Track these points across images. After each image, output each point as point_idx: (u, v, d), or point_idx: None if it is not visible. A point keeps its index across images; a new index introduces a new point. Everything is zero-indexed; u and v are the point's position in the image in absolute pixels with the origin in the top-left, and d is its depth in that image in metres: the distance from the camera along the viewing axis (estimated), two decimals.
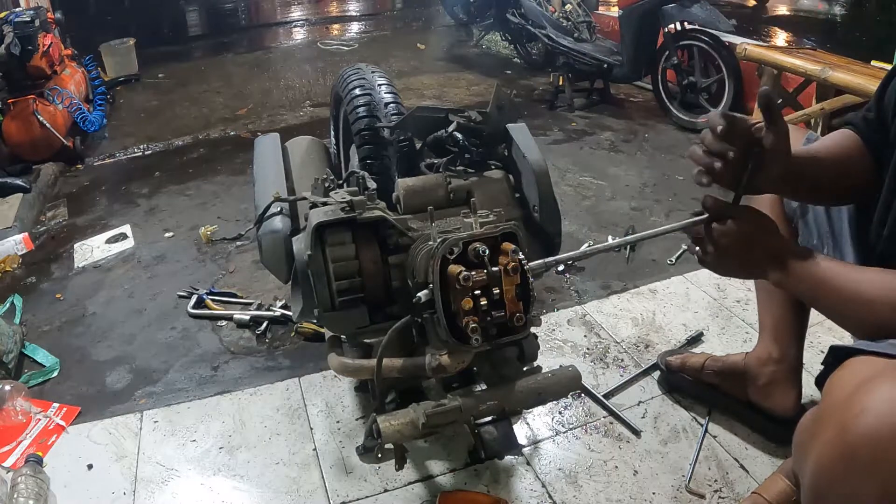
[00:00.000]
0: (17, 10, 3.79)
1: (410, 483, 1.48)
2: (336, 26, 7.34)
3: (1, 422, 1.70)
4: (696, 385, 1.65)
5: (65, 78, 3.90)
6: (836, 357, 0.84)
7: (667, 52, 3.66)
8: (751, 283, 1.89)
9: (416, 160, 1.72)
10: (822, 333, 1.83)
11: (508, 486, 1.47)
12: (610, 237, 2.49)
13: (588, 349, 1.90)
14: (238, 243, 2.62)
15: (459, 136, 1.57)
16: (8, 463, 1.59)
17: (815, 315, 1.31)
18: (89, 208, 3.14)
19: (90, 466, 1.58)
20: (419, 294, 1.16)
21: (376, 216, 1.32)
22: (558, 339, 1.95)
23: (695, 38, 3.53)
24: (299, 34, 7.07)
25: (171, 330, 2.12)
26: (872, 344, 0.82)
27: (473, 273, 1.10)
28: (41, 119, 3.42)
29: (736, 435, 1.57)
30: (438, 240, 1.16)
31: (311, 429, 1.66)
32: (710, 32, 3.48)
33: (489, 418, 1.46)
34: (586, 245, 2.45)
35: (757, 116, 0.96)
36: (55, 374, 1.94)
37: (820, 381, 0.88)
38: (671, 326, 1.98)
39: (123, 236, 2.77)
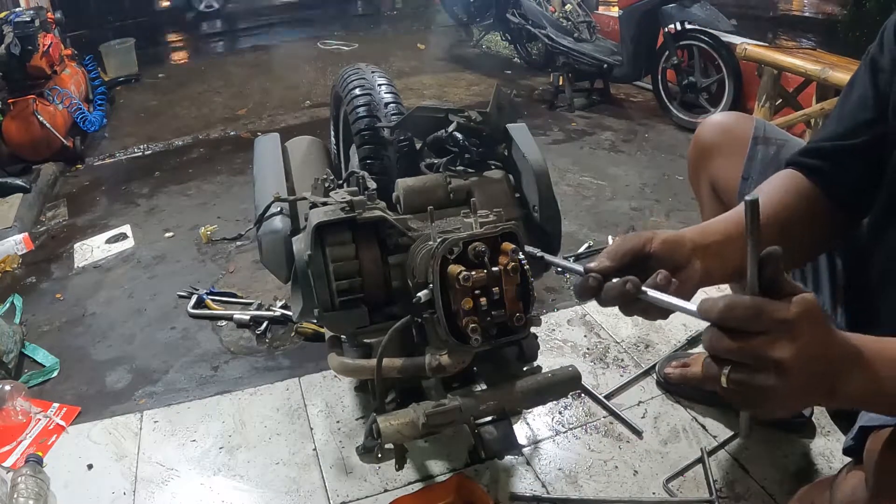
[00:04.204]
0: (17, 10, 3.79)
1: (410, 483, 1.48)
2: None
3: (1, 422, 1.70)
4: (699, 391, 1.66)
5: (65, 78, 3.90)
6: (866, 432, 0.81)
7: (667, 52, 3.66)
8: None
9: (416, 160, 1.72)
10: None
11: (508, 486, 1.47)
12: (610, 237, 2.49)
13: (588, 349, 1.90)
14: (238, 243, 2.62)
15: (459, 136, 1.57)
16: (8, 463, 1.59)
17: None
18: (89, 208, 3.14)
19: (90, 466, 1.58)
20: (419, 294, 1.16)
21: (376, 216, 1.32)
22: (558, 339, 1.95)
23: (695, 38, 3.53)
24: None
25: (171, 330, 2.12)
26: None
27: (473, 273, 1.10)
28: (41, 119, 3.42)
29: (735, 434, 1.56)
30: (438, 240, 1.16)
31: (311, 429, 1.66)
32: (710, 32, 3.48)
33: (489, 418, 1.46)
34: (586, 245, 2.45)
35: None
36: (55, 374, 1.94)
37: (850, 452, 0.86)
38: (671, 326, 1.98)
39: (123, 236, 2.77)
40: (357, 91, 1.78)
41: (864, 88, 0.91)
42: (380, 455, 1.25)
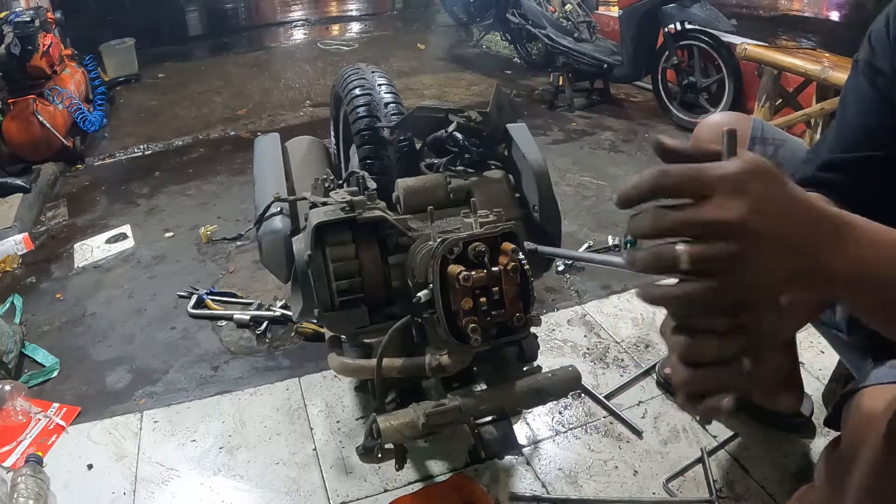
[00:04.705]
0: (17, 10, 3.79)
1: (410, 483, 1.48)
2: (336, 26, 7.34)
3: (1, 422, 1.70)
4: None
5: (65, 78, 3.90)
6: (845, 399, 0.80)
7: (667, 52, 3.66)
8: None
9: (416, 160, 1.72)
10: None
11: (508, 486, 1.47)
12: (610, 237, 2.49)
13: (588, 349, 1.90)
14: (238, 243, 2.62)
15: (459, 136, 1.57)
16: (8, 463, 1.59)
17: None
18: (89, 208, 3.14)
19: (90, 466, 1.58)
20: (419, 294, 1.17)
21: (376, 216, 1.32)
22: (558, 339, 1.95)
23: (695, 38, 3.53)
24: (299, 34, 7.07)
25: (171, 330, 2.12)
26: (881, 375, 0.77)
27: (473, 273, 1.10)
28: (41, 119, 3.42)
29: (736, 434, 1.57)
30: (438, 240, 1.16)
31: (311, 429, 1.66)
32: (710, 32, 3.48)
33: (489, 418, 1.46)
34: (586, 245, 2.45)
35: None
36: (55, 374, 1.94)
37: (831, 422, 0.85)
38: None
39: (123, 236, 2.77)
40: (357, 91, 1.78)
41: (863, 94, 0.90)
42: (380, 455, 1.25)
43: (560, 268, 2.29)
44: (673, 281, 0.51)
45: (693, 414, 0.54)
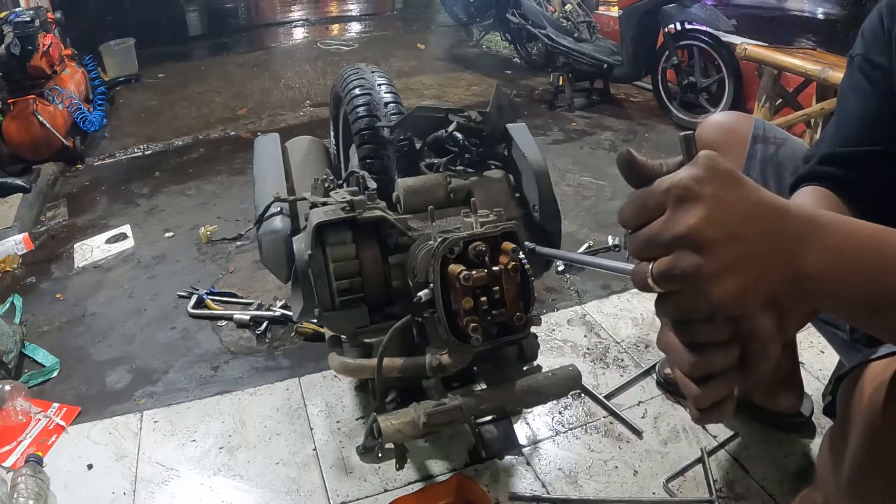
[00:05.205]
0: (17, 10, 3.79)
1: (410, 483, 1.48)
2: (336, 26, 7.34)
3: (1, 422, 1.70)
4: None
5: (65, 78, 3.90)
6: (840, 383, 0.80)
7: (667, 52, 3.66)
8: None
9: (416, 160, 1.72)
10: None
11: (508, 486, 1.47)
12: (610, 237, 2.49)
13: (588, 349, 1.90)
14: (238, 243, 2.62)
15: (459, 135, 1.57)
16: (8, 463, 1.59)
17: None
18: (89, 208, 3.14)
19: (90, 466, 1.58)
20: (419, 293, 1.17)
21: (376, 216, 1.32)
22: (558, 339, 1.95)
23: (695, 38, 3.54)
24: (299, 34, 7.07)
25: (171, 330, 2.12)
26: (873, 353, 0.77)
27: (474, 272, 1.10)
28: (41, 119, 3.42)
29: (736, 434, 1.57)
30: (439, 239, 1.16)
31: (311, 429, 1.66)
32: (710, 32, 3.49)
33: (489, 418, 1.46)
34: (586, 245, 2.45)
35: None
36: (55, 374, 1.94)
37: (829, 410, 0.84)
38: None
39: (123, 236, 2.77)
40: (357, 91, 1.78)
41: (861, 89, 0.90)
42: (380, 455, 1.25)
43: (560, 268, 2.29)
44: None
45: (707, 423, 0.54)
